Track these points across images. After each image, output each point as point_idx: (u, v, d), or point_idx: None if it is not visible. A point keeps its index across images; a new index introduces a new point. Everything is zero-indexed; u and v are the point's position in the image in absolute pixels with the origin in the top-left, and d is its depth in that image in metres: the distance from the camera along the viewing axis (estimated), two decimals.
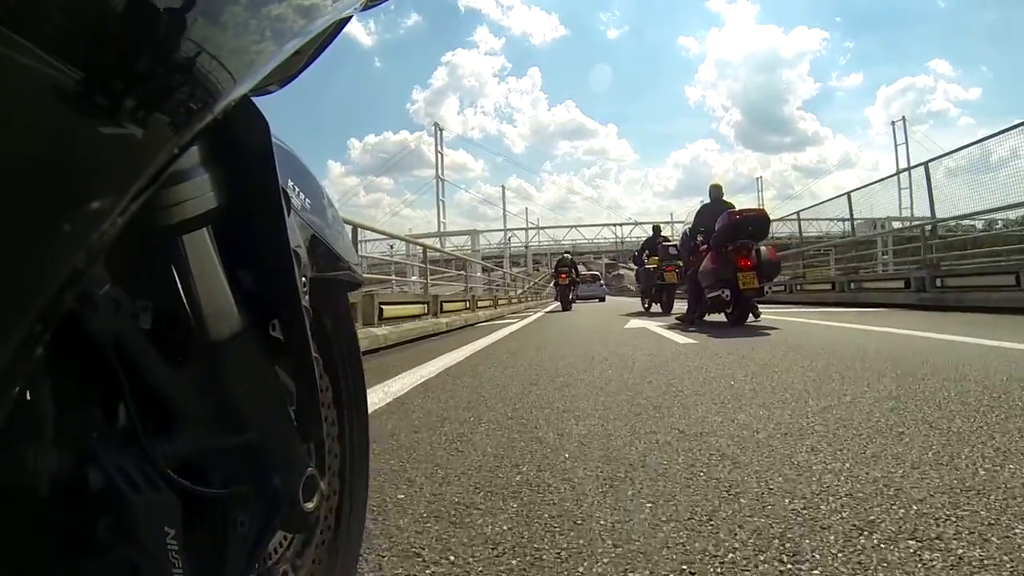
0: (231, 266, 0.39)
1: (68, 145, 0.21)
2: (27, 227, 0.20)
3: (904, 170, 16.82)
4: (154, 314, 0.37)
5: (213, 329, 0.37)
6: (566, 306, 11.96)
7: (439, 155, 50.09)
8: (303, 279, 0.45)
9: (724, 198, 6.00)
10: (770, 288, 5.25)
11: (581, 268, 16.88)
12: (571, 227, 52.53)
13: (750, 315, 5.06)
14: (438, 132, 50.87)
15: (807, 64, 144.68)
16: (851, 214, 10.92)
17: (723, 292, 4.92)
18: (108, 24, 0.23)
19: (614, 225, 51.68)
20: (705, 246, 5.55)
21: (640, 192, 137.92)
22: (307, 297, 0.45)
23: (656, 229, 10.03)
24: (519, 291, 18.24)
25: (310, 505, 0.42)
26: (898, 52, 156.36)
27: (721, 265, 4.98)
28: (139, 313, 0.35)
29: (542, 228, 52.10)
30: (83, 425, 0.32)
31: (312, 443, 0.45)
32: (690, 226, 6.27)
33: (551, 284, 15.23)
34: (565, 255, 13.79)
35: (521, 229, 51.14)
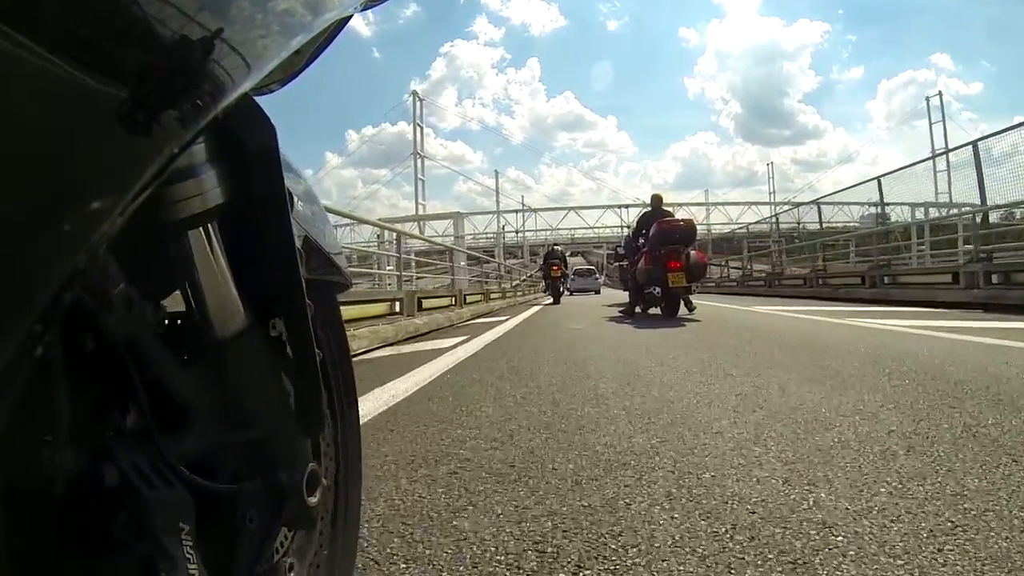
0: (237, 264, 0.43)
1: (70, 141, 0.23)
2: (30, 224, 0.22)
3: (949, 150, 16.94)
4: (163, 311, 0.41)
5: (220, 326, 0.41)
6: (556, 299, 12.60)
7: (417, 128, 49.27)
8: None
9: (665, 206, 7.63)
10: (698, 286, 6.72)
11: (579, 259, 17.46)
12: (568, 209, 50.93)
13: (684, 308, 6.42)
14: (417, 102, 50.04)
15: (808, 57, 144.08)
16: (881, 200, 10.95)
17: (654, 289, 6.48)
18: (111, 21, 0.25)
19: (617, 207, 49.16)
20: (646, 248, 6.92)
21: (639, 184, 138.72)
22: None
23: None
24: (513, 283, 18.40)
25: (313, 499, 0.47)
26: (900, 46, 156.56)
27: (654, 266, 6.41)
28: (150, 311, 0.39)
29: (536, 210, 50.87)
30: (98, 423, 0.36)
31: (310, 439, 0.50)
32: (633, 230, 7.97)
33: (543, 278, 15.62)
34: (554, 247, 14.82)
35: (512, 212, 50.19)
